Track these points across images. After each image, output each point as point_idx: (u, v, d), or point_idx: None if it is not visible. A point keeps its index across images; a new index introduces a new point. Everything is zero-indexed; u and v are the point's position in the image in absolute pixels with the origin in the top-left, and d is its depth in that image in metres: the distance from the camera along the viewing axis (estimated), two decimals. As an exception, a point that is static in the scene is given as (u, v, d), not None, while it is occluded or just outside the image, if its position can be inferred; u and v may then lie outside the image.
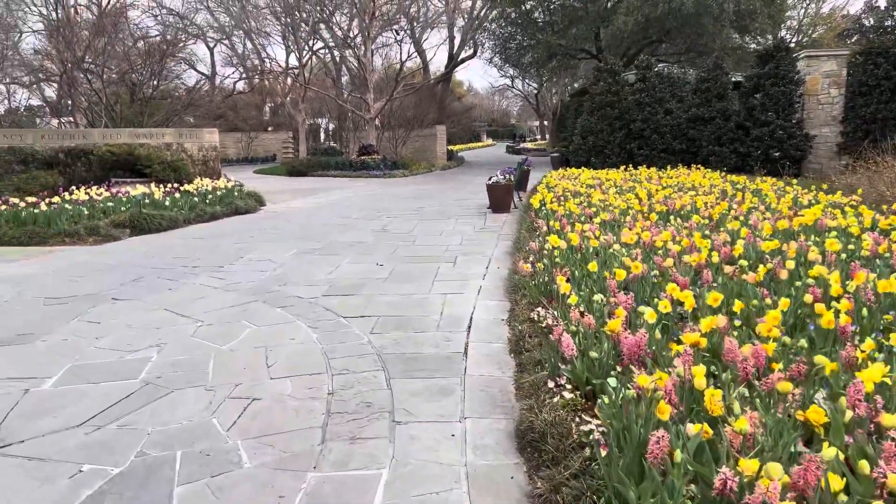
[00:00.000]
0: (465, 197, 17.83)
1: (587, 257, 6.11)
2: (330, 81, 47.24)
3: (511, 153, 56.39)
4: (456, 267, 8.06)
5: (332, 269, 8.11)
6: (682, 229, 7.16)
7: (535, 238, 8.61)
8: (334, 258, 8.83)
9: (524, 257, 7.62)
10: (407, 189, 21.04)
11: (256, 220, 13.52)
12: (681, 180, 13.22)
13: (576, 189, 11.97)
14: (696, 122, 20.33)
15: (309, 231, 11.56)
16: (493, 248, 9.36)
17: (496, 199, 13.53)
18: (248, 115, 53.67)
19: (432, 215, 13.59)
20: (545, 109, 70.56)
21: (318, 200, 17.79)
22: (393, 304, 6.27)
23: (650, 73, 20.60)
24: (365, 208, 15.34)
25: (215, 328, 5.62)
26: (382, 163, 28.86)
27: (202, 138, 17.21)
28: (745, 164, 19.62)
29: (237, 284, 7.31)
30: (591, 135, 21.20)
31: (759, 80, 19.51)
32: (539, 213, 10.12)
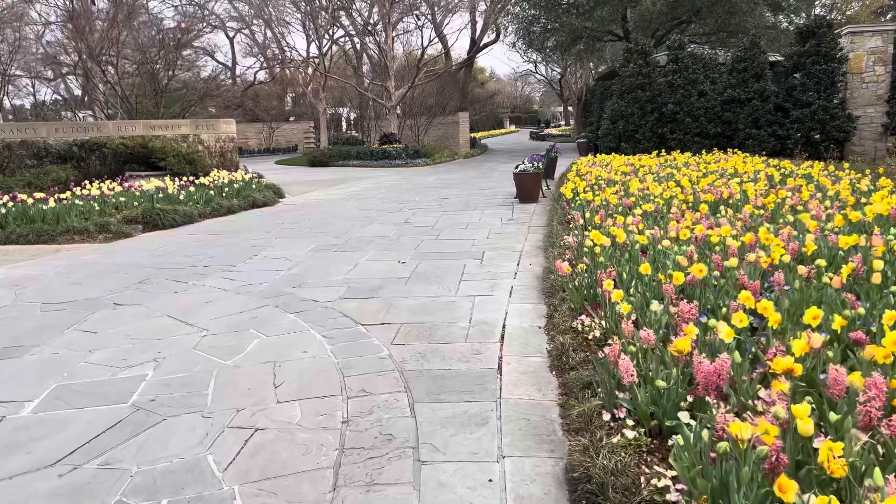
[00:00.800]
0: (490, 186, 17.17)
1: (634, 255, 5.44)
2: (350, 70, 46.69)
3: (535, 139, 55.46)
4: (484, 264, 7.44)
5: (351, 267, 7.53)
6: (737, 221, 6.45)
7: (570, 232, 7.96)
8: (354, 255, 8.26)
9: (559, 254, 6.97)
10: (430, 178, 20.42)
11: (275, 213, 13.01)
12: (721, 166, 12.42)
13: (610, 177, 11.26)
14: (732, 103, 19.37)
15: (328, 225, 11.01)
16: (523, 243, 8.72)
17: (524, 189, 12.86)
18: (269, 106, 53.36)
19: (457, 206, 12.97)
20: (569, 94, 69.19)
21: (339, 192, 17.25)
22: (416, 309, 5.67)
23: (683, 53, 19.65)
24: (387, 199, 14.76)
25: (221, 339, 5.07)
26: (404, 151, 28.26)
27: (219, 129, 16.74)
28: (784, 147, 18.66)
29: (249, 286, 6.76)
30: (622, 119, 20.34)
31: (800, 58, 18.50)
32: (572, 203, 9.44)
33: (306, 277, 7.08)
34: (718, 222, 6.34)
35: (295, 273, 7.33)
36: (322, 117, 37.93)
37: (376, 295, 6.20)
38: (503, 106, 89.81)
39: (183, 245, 9.52)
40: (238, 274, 7.38)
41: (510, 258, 7.72)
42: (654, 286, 4.54)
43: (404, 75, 36.52)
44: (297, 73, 45.57)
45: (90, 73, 20.32)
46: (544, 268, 6.82)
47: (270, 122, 46.48)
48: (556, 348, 4.30)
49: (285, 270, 7.48)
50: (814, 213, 6.36)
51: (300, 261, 8.01)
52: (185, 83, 23.76)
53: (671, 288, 4.15)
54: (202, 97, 21.34)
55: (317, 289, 6.54)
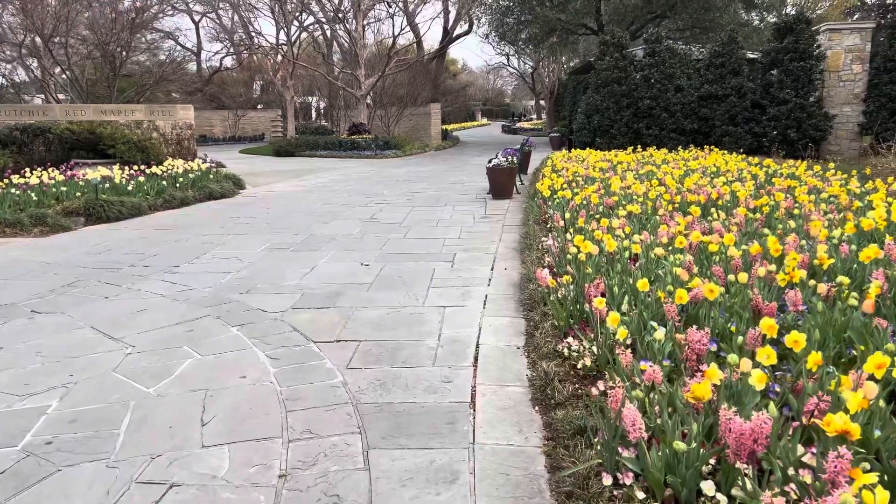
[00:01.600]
0: (461, 180, 16.52)
1: (624, 265, 4.84)
2: (320, 58, 45.57)
3: (507, 133, 54.95)
4: (455, 268, 6.78)
5: (308, 269, 6.82)
6: (731, 226, 5.89)
7: (548, 233, 7.34)
8: (312, 255, 7.54)
9: (538, 258, 6.35)
10: (399, 171, 19.70)
11: (232, 206, 12.19)
12: (701, 163, 11.93)
13: (588, 173, 10.68)
14: (709, 99, 18.96)
15: (288, 220, 10.26)
16: (497, 243, 8.09)
17: (497, 184, 12.23)
18: (235, 93, 51.97)
19: (427, 201, 12.29)
20: (541, 88, 68.78)
21: (303, 183, 16.45)
22: (378, 323, 5.00)
23: (660, 46, 19.17)
24: (353, 193, 14.02)
25: (147, 359, 4.34)
26: (374, 142, 27.46)
27: (176, 115, 15.80)
28: (760, 145, 18.32)
29: (191, 291, 6.01)
30: (597, 113, 19.81)
31: (777, 54, 18.14)
32: (550, 201, 8.84)
33: (257, 281, 6.35)
34: (711, 227, 5.77)
35: (245, 276, 6.59)
36: (289, 106, 36.87)
37: (333, 304, 5.51)
38: (475, 98, 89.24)
39: (126, 241, 8.70)
40: (181, 276, 6.62)
41: (484, 261, 7.08)
42: (651, 303, 3.93)
43: (375, 64, 35.62)
44: (266, 59, 44.33)
45: (40, 54, 19.12)
46: (522, 274, 6.19)
47: (236, 110, 45.16)
48: (539, 377, 3.67)
49: (234, 272, 6.73)
50: (814, 218, 5.82)
51: (253, 261, 7.27)
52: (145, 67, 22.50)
53: (673, 309, 3.54)
54: (158, 81, 20.13)
55: (267, 295, 5.82)
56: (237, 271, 6.79)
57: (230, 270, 6.82)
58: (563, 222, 6.87)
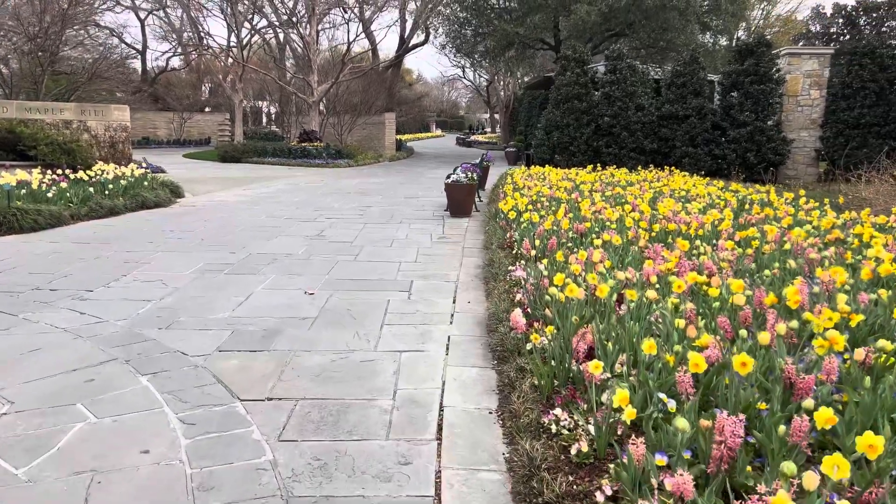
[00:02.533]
0: (417, 194, 15.77)
1: (611, 308, 4.16)
2: (272, 62, 44.29)
3: (462, 145, 54.53)
4: (412, 299, 6.02)
5: (244, 298, 5.95)
6: (721, 262, 5.28)
7: (515, 260, 6.64)
8: (249, 280, 6.67)
9: (506, 291, 5.63)
10: (352, 182, 18.84)
11: (166, 217, 11.16)
12: (668, 186, 11.48)
13: (553, 194, 10.07)
14: (670, 119, 18.69)
15: (226, 235, 9.32)
16: (458, 269, 7.36)
17: (456, 202, 11.52)
18: (182, 95, 50.22)
19: (380, 217, 11.50)
20: (496, 102, 68.73)
21: (248, 193, 15.45)
22: (321, 373, 4.19)
23: (622, 63, 18.82)
24: (301, 205, 13.12)
25: (27, 421, 3.44)
26: (325, 151, 26.51)
27: (110, 116, 14.64)
28: (720, 167, 18.12)
29: (100, 325, 5.09)
30: (556, 130, 19.32)
31: (738, 76, 17.99)
32: (515, 224, 8.16)
33: (181, 312, 5.45)
34: (701, 263, 5.16)
35: (168, 305, 5.68)
36: (237, 109, 35.57)
37: (269, 346, 4.67)
38: (430, 110, 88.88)
39: (37, 256, 7.65)
40: (92, 304, 5.67)
41: (444, 291, 6.33)
42: (657, 367, 3.24)
43: (328, 70, 34.69)
44: (215, 61, 42.86)
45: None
46: (489, 311, 5.46)
47: (182, 112, 43.50)
48: (522, 462, 2.93)
49: (157, 300, 5.82)
50: (813, 256, 5.27)
51: (180, 286, 6.35)
52: (86, 64, 20.96)
53: (688, 380, 2.85)
54: (91, 78, 18.72)
55: (191, 332, 4.95)
56: (160, 299, 5.87)
57: (152, 298, 5.89)
58: (534, 251, 6.17)
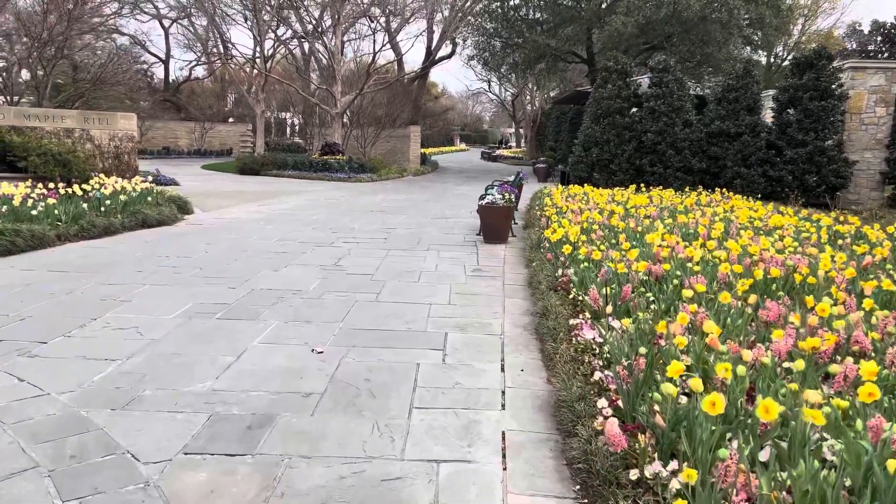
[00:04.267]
0: (445, 213, 14.47)
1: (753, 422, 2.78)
2: (296, 72, 43.46)
3: (487, 160, 53.29)
4: (448, 363, 4.67)
5: (233, 358, 4.64)
6: (874, 334, 3.87)
7: (577, 312, 5.25)
8: (245, 329, 5.37)
9: (572, 360, 4.26)
10: (375, 199, 17.60)
11: (167, 238, 9.96)
12: (733, 212, 10.04)
13: (607, 221, 8.68)
14: (720, 137, 17.18)
15: (229, 263, 8.07)
16: (502, 315, 6.01)
17: (491, 227, 10.18)
18: (205, 104, 49.74)
19: (405, 242, 10.19)
20: (522, 116, 67.44)
21: (263, 209, 14.25)
22: (326, 499, 2.86)
23: (668, 76, 17.42)
24: (318, 225, 11.87)
25: None
26: (347, 164, 25.37)
27: (115, 124, 13.54)
28: (774, 190, 16.57)
29: (35, 402, 3.81)
30: (596, 146, 17.89)
31: (796, 91, 16.47)
32: (570, 260, 6.78)
33: (148, 381, 4.16)
34: (849, 339, 3.75)
35: (135, 367, 4.40)
36: (259, 120, 34.63)
37: (254, 445, 3.35)
38: (454, 123, 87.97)
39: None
40: (38, 365, 4.41)
41: (488, 350, 4.98)
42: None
43: (353, 82, 33.69)
44: (239, 71, 42.11)
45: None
46: (554, 391, 4.09)
47: (204, 122, 42.76)
48: None
49: (122, 360, 4.53)
50: None
51: (157, 336, 5.07)
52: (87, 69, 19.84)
53: None
54: (95, 83, 17.66)
55: (154, 416, 3.65)
56: (127, 358, 4.58)
57: (117, 356, 4.61)
58: (605, 303, 4.80)
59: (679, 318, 3.84)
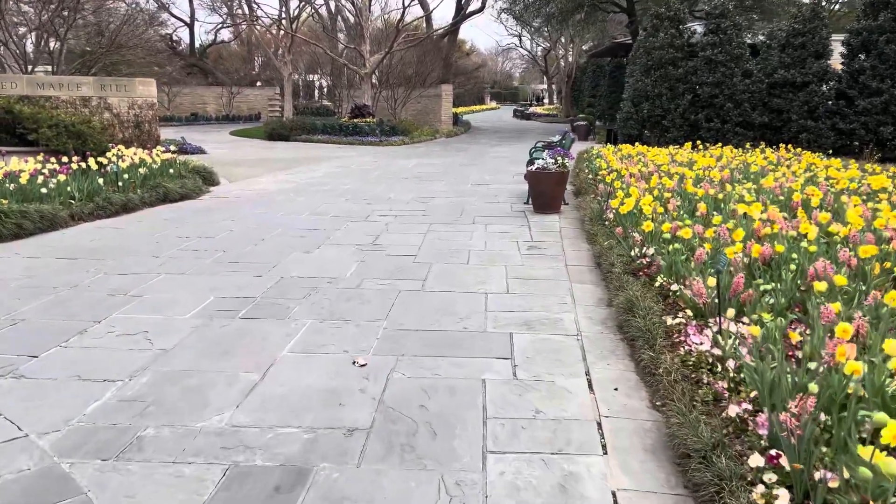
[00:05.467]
0: (485, 179, 13.46)
1: None
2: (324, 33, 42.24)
3: (520, 118, 51.73)
4: (521, 379, 3.77)
5: (257, 377, 3.79)
6: None
7: (684, 315, 4.28)
8: (273, 332, 4.52)
9: (689, 381, 3.33)
10: (408, 163, 16.63)
11: (190, 214, 9.17)
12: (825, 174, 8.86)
13: (683, 186, 7.62)
14: (784, 87, 15.72)
15: (255, 244, 7.23)
16: (573, 307, 5.08)
17: (543, 194, 9.17)
18: (232, 68, 48.91)
19: (447, 214, 9.26)
20: (555, 72, 65.23)
21: (292, 178, 13.41)
22: None
23: (725, 22, 15.93)
24: (351, 196, 10.99)
25: None
26: (378, 127, 24.37)
27: (134, 91, 12.72)
28: (845, 144, 15.16)
29: (8, 448, 3.02)
30: (646, 101, 16.55)
31: (870, 34, 14.92)
32: (651, 239, 5.77)
33: (152, 414, 3.33)
34: None
35: (137, 393, 3.58)
36: (286, 83, 33.69)
37: (285, 521, 2.50)
38: (484, 81, 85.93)
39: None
40: (20, 392, 3.61)
41: (566, 357, 4.07)
42: None
43: (381, 40, 32.42)
44: (265, 33, 41.04)
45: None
46: (668, 425, 3.15)
47: (231, 87, 41.96)
48: None
49: (124, 381, 3.72)
50: None
51: (169, 346, 4.25)
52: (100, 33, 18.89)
53: None
54: (109, 48, 16.75)
55: (153, 471, 2.82)
56: (130, 377, 3.77)
57: (119, 376, 3.79)
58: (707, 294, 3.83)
59: (840, 330, 2.86)
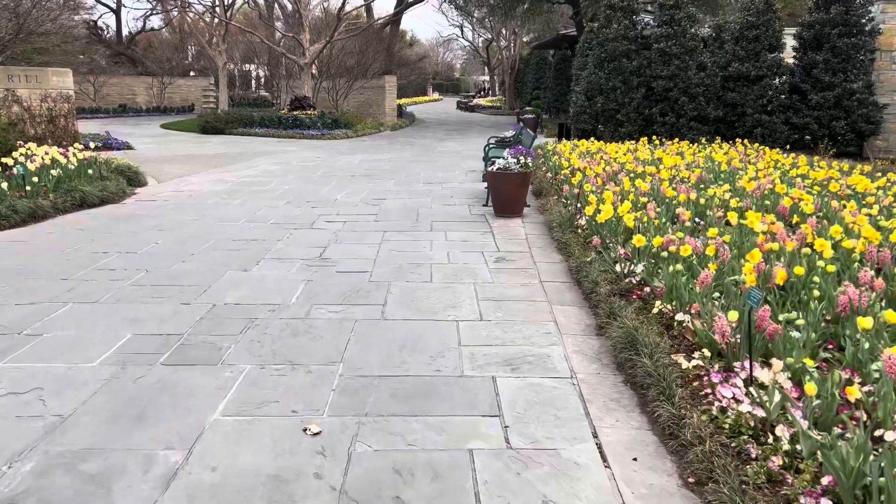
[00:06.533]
0: (437, 177, 12.70)
1: None
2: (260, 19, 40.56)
3: (464, 110, 51.06)
4: (516, 448, 3.04)
5: (180, 457, 2.95)
6: None
7: (701, 356, 3.61)
8: (200, 385, 3.66)
9: (726, 455, 2.66)
10: (353, 159, 15.71)
11: (109, 223, 8.10)
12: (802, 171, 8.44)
13: (664, 190, 7.03)
14: (738, 81, 15.46)
15: (183, 262, 6.29)
16: (559, 338, 4.39)
17: (505, 196, 8.47)
18: (163, 57, 46.50)
19: (402, 218, 8.47)
20: (497, 63, 64.73)
21: (228, 177, 12.35)
22: None
23: (679, 13, 15.56)
24: (293, 198, 10.07)
25: None
26: (320, 120, 23.26)
27: (47, 82, 11.44)
28: (801, 138, 15.00)
29: None
30: (601, 95, 16.01)
31: (823, 28, 14.79)
32: (637, 255, 5.13)
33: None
34: None
35: (21, 484, 2.69)
36: (221, 73, 32.08)
37: None
38: (427, 72, 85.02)
39: None
40: None
41: (566, 414, 3.37)
42: None
43: (322, 29, 31.17)
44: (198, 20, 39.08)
45: None
46: None
47: (163, 77, 39.84)
48: None
49: (3, 469, 2.82)
50: None
51: (70, 408, 3.35)
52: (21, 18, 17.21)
53: None
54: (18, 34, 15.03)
55: None
56: (9, 465, 2.87)
57: (-7, 459, 2.89)
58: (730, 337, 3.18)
59: None
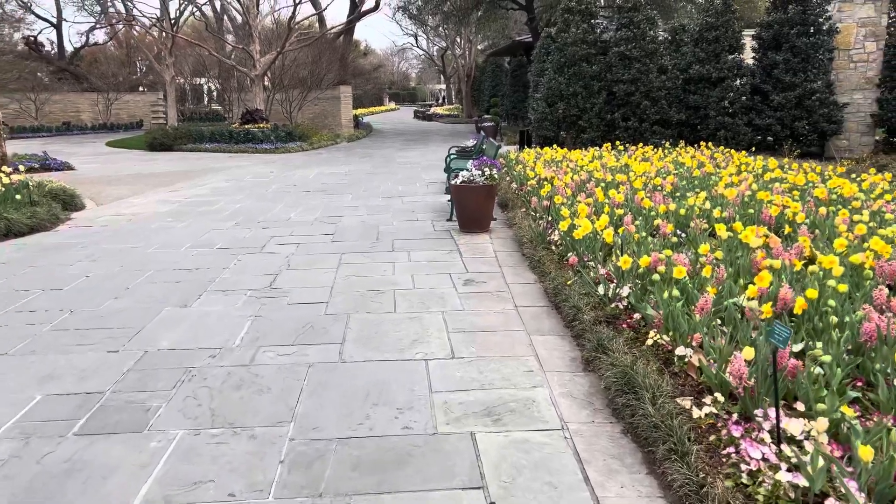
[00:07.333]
0: (398, 190, 12.12)
1: None
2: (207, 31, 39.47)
3: (421, 119, 50.59)
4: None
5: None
6: None
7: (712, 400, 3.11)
8: (121, 459, 3.01)
9: None
10: (309, 173, 15.03)
11: (35, 255, 7.31)
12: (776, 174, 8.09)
13: (640, 202, 6.57)
14: (700, 83, 15.24)
15: (114, 298, 5.58)
16: (543, 378, 3.85)
17: (470, 211, 7.93)
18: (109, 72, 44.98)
19: (361, 238, 7.86)
20: (452, 72, 64.46)
21: (174, 198, 11.57)
22: None
23: (638, 15, 15.30)
24: (243, 218, 9.37)
25: None
26: (273, 133, 22.48)
27: (-31, 101, 10.52)
28: (765, 139, 14.83)
29: None
30: (561, 101, 15.62)
31: (781, 27, 14.66)
32: (622, 277, 4.62)
33: None
34: None
35: None
36: (170, 88, 30.99)
37: None
38: (382, 81, 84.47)
39: None
40: None
41: (562, 482, 2.83)
42: None
43: (272, 40, 30.38)
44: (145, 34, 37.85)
45: None
46: None
47: (108, 93, 38.44)
48: None
49: None
50: None
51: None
52: None
53: None
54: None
55: None
56: None
57: None
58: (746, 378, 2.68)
59: None
